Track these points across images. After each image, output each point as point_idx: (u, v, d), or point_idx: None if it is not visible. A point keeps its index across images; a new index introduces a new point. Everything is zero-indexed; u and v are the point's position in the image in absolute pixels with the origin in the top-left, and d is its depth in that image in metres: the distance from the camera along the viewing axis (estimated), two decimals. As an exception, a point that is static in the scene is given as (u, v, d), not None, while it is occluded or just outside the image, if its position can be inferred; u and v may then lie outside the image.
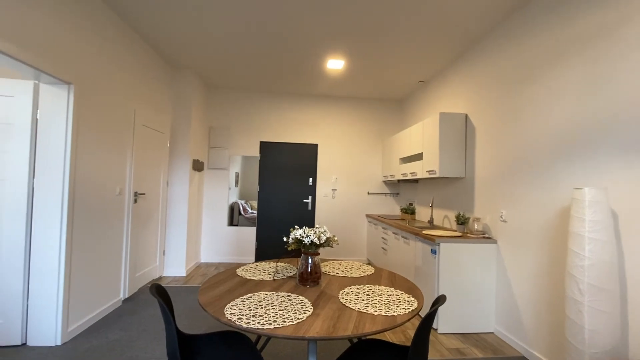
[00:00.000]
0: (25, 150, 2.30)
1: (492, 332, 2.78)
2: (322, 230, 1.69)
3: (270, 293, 1.51)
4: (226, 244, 4.96)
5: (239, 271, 1.88)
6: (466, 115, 3.33)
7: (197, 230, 4.70)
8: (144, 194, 3.46)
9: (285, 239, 1.69)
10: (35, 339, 2.30)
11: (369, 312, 1.32)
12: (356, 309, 1.35)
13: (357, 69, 3.98)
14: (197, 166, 4.50)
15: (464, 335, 2.71)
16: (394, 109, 5.32)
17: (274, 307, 1.34)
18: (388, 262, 4.04)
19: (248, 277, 1.76)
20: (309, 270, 1.66)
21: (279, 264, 2.01)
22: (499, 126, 2.82)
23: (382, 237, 4.32)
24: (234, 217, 7.11)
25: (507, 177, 2.69)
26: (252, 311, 1.29)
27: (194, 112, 4.34)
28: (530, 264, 2.42)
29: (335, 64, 3.84)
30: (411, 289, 1.65)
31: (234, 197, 7.76)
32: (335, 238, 1.71)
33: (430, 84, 4.26)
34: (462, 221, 3.17)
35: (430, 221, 3.78)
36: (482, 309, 2.77)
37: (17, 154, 2.29)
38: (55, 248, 2.32)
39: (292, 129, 5.12)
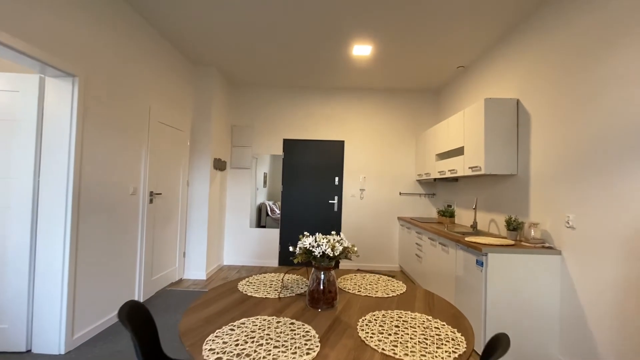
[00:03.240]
0: (30, 147, 2.19)
1: (556, 365, 2.26)
2: (338, 238, 1.35)
3: (270, 318, 1.19)
4: (249, 246, 4.76)
5: (242, 284, 1.59)
6: (517, 101, 2.81)
7: (219, 232, 4.54)
8: (160, 193, 3.31)
9: (291, 248, 1.37)
10: (40, 346, 2.17)
11: (397, 357, 0.96)
12: (379, 350, 0.99)
13: (386, 55, 3.57)
14: (219, 165, 4.34)
15: (519, 367, 2.22)
16: (429, 100, 4.82)
17: (268, 341, 1.02)
18: (423, 271, 3.59)
19: (249, 294, 1.46)
20: (322, 288, 1.32)
21: (287, 276, 1.69)
22: (563, 111, 2.29)
23: (416, 243, 3.86)
24: (262, 218, 6.93)
25: (576, 172, 2.16)
26: (239, 347, 0.98)
27: (216, 109, 4.17)
28: (608, 282, 1.89)
29: (361, 50, 3.46)
30: (456, 319, 1.25)
31: (262, 198, 7.59)
32: (355, 248, 1.36)
33: (471, 69, 3.74)
34: (514, 226, 2.65)
35: (474, 226, 3.27)
36: (542, 335, 2.26)
37: (22, 150, 2.19)
38: (59, 249, 2.19)
39: (317, 126, 4.81)
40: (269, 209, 7.00)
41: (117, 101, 2.65)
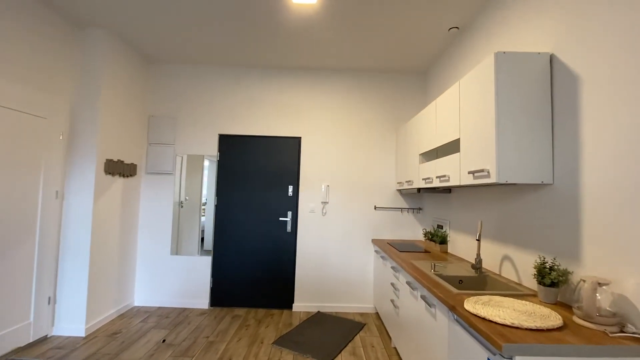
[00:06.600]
0: None
1: None
2: None
3: None
4: (170, 280, 3.50)
5: None
6: (551, 57, 1.63)
7: (127, 262, 3.28)
8: (-28, 214, 2.07)
9: None
10: None
11: None
12: None
13: (343, 8, 2.39)
14: (121, 169, 3.10)
15: None
16: (415, 84, 3.65)
17: None
18: (399, 324, 2.36)
19: None
20: None
21: None
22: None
23: (392, 283, 2.65)
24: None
25: None
26: None
27: (113, 91, 2.96)
28: None
29: (303, -6, 2.28)
30: None
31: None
32: None
33: (470, 31, 2.57)
34: (552, 280, 1.45)
35: (476, 265, 2.06)
36: None
37: None
38: None
39: (265, 118, 3.60)
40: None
41: None
